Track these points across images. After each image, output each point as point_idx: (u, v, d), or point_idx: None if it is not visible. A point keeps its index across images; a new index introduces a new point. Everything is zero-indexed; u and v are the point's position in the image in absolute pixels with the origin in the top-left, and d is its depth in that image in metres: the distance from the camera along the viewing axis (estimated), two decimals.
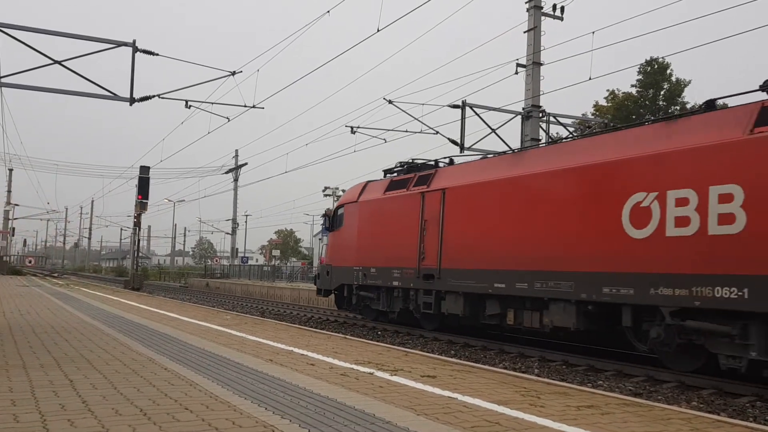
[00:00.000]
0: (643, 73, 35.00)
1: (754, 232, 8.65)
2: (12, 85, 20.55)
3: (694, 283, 9.36)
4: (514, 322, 13.01)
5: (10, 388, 5.56)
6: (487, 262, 13.29)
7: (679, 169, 9.76)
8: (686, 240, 9.47)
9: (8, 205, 64.55)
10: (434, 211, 15.01)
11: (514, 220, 12.79)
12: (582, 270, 11.15)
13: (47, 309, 15.27)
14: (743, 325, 8.98)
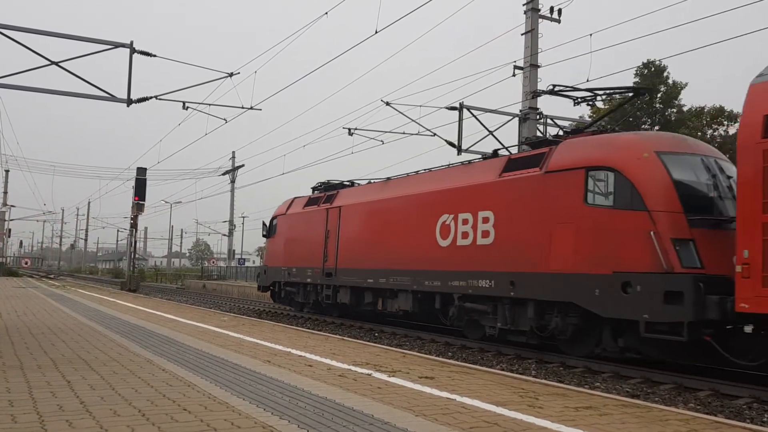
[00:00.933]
0: (640, 75, 35.04)
1: (498, 244, 12.89)
2: (9, 86, 20.51)
3: (469, 277, 13.56)
4: (381, 308, 17.51)
5: (7, 389, 5.55)
6: (364, 263, 17.50)
7: (465, 198, 13.99)
8: (467, 248, 13.73)
9: (4, 207, 64.42)
10: (334, 223, 19.37)
11: (378, 232, 17.11)
12: (414, 269, 15.36)
13: (44, 310, 15.23)
14: (493, 305, 13.17)
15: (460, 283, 13.81)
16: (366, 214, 17.99)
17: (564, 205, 11.64)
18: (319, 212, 20.50)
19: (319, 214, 20.46)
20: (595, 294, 10.81)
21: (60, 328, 11.02)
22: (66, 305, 17.37)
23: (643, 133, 13.94)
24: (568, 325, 11.66)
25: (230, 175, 51.15)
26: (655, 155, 10.78)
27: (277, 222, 23.71)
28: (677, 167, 10.69)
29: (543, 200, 12.07)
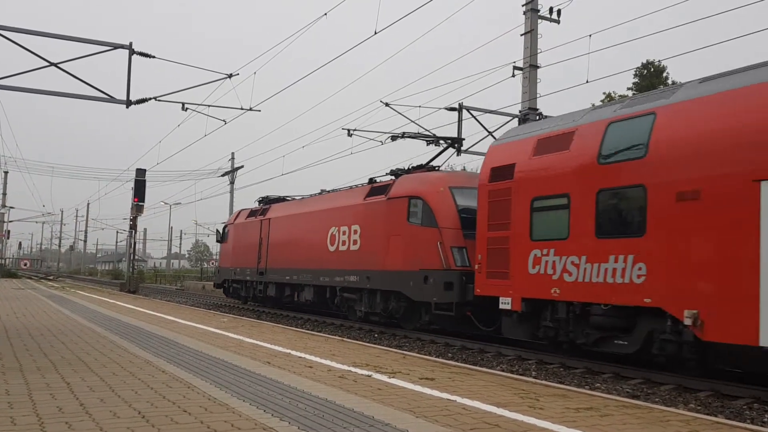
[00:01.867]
0: (639, 76, 35.10)
1: (362, 250, 17.62)
2: (7, 87, 20.49)
3: (345, 274, 18.27)
4: (298, 299, 22.03)
5: (6, 391, 5.54)
6: (284, 264, 22.46)
7: (345, 215, 18.82)
8: (344, 252, 18.52)
9: (3, 208, 64.35)
10: (265, 232, 24.35)
11: (292, 239, 22.16)
12: (314, 268, 20.17)
13: (43, 312, 15.21)
14: (360, 294, 18.06)
15: (340, 278, 18.80)
16: (286, 225, 22.93)
17: (396, 222, 16.49)
18: (256, 223, 25.54)
19: (256, 224, 25.49)
20: (410, 285, 15.73)
21: (59, 330, 11.00)
22: (65, 307, 17.35)
23: (444, 173, 17.67)
24: (400, 307, 16.60)
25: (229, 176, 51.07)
26: (448, 189, 15.54)
27: (228, 230, 28.86)
28: (461, 197, 15.31)
29: (385, 218, 16.90)
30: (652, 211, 10.00)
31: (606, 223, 10.79)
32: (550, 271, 11.76)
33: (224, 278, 28.88)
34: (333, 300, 19.68)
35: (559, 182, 11.75)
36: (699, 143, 9.50)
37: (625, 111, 11.07)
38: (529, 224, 12.33)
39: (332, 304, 19.87)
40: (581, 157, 11.39)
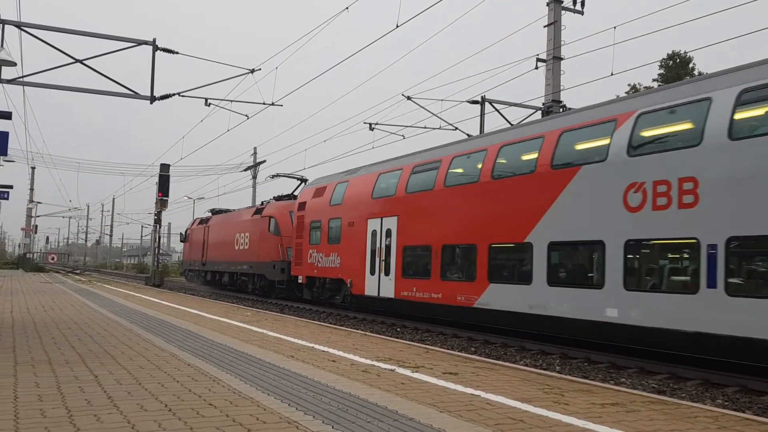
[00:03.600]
0: (665, 67, 34.60)
1: (250, 249, 29.13)
2: (34, 84, 20.78)
3: (243, 264, 29.65)
4: (227, 282, 32.43)
5: (36, 384, 5.63)
6: (215, 258, 33.97)
7: (243, 225, 30.23)
8: (241, 250, 29.87)
9: (31, 203, 65.39)
10: (206, 236, 35.77)
11: (218, 241, 33.45)
12: (228, 261, 31.77)
13: (70, 305, 15.44)
14: (250, 276, 29.31)
15: (239, 267, 30.42)
16: (216, 231, 34.57)
17: (263, 231, 27.80)
18: (201, 228, 36.95)
19: (201, 229, 36.86)
20: (268, 270, 26.83)
21: (86, 323, 11.16)
22: (92, 300, 17.60)
23: (289, 201, 27.71)
24: (266, 285, 27.56)
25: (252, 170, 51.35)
26: (288, 213, 26.12)
27: (188, 232, 41.07)
28: (314, 209, 22.85)
29: (259, 229, 28.16)
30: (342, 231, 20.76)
31: (333, 237, 21.34)
32: (315, 261, 22.38)
33: (185, 268, 42.96)
34: (237, 281, 31.47)
35: (319, 214, 22.41)
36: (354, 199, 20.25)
37: (344, 177, 21.77)
38: (308, 235, 22.93)
39: (236, 284, 31.68)
40: (325, 201, 22.20)
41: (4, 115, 17.76)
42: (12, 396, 5.09)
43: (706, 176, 9.89)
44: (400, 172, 17.95)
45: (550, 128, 13.34)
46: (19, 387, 5.46)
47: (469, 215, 15.08)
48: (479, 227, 14.64)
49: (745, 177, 9.39)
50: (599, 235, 11.55)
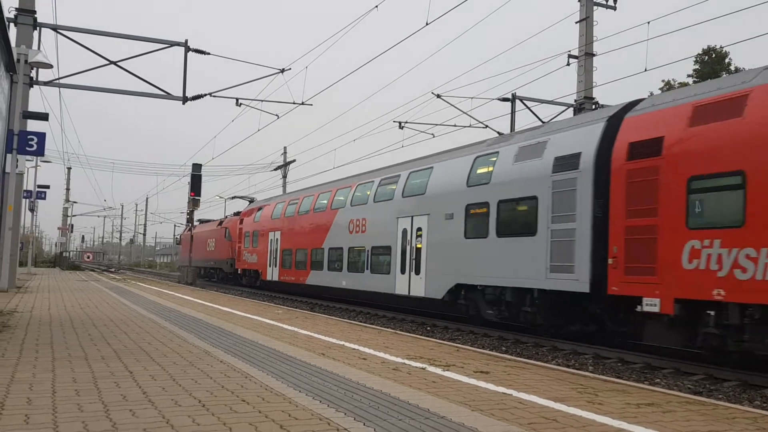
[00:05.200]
0: (700, 62, 33.96)
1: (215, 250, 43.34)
2: (70, 85, 21.21)
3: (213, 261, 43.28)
4: (203, 275, 44.57)
5: (73, 379, 5.74)
6: (197, 257, 42.27)
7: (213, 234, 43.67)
8: (211, 251, 43.40)
9: (67, 203, 66.75)
10: (192, 239, 41.05)
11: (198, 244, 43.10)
12: (204, 258, 44.42)
13: (106, 303, 15.72)
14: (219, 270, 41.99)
15: (209, 263, 43.30)
16: (198, 237, 43.80)
17: (222, 238, 40.09)
18: (189, 234, 42.92)
19: (189, 234, 42.73)
20: (225, 265, 39.10)
21: (122, 320, 11.34)
22: (127, 298, 17.89)
23: (236, 217, 36.94)
24: (227, 275, 38.64)
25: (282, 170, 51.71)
26: (238, 224, 34.98)
27: (181, 238, 55.52)
28: (249, 226, 32.79)
29: (221, 236, 40.54)
30: None
31: (254, 242, 32.89)
32: (246, 259, 32.99)
33: (179, 265, 57.12)
34: (212, 273, 43.26)
35: (249, 227, 33.20)
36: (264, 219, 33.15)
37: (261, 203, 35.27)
38: (243, 241, 34.01)
39: (212, 275, 43.31)
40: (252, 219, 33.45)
41: (41, 116, 18.16)
42: (50, 390, 5.19)
43: (371, 218, 21.01)
44: (283, 203, 29.54)
45: (345, 184, 23.86)
46: (57, 382, 5.57)
47: (307, 231, 25.75)
48: (310, 238, 25.36)
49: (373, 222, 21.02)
50: (342, 244, 22.62)
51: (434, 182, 17.55)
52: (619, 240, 11.48)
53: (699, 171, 10.30)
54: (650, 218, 10.97)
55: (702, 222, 10.19)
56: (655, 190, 10.92)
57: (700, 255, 10.07)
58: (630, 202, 11.32)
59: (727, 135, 10.00)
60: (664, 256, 10.61)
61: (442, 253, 16.77)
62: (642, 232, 11.09)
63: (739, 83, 10.39)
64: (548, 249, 13.21)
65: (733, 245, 9.63)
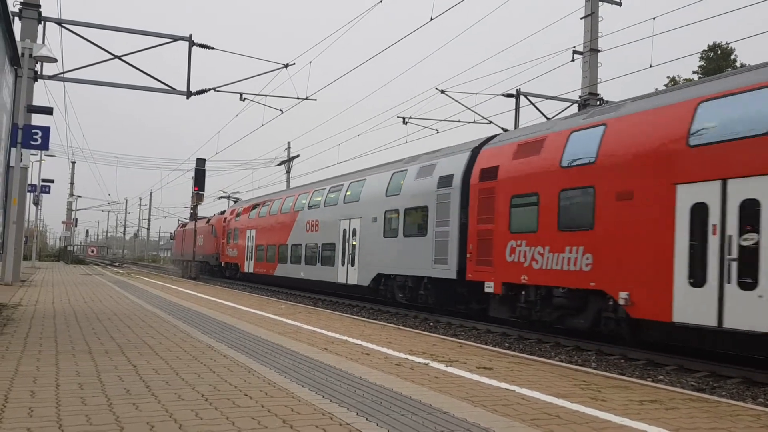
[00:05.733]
0: (705, 59, 33.82)
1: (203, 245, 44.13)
2: (74, 79, 21.21)
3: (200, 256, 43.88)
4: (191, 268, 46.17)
5: (77, 372, 5.75)
6: (186, 251, 48.04)
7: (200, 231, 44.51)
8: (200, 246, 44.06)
9: (71, 197, 66.89)
10: (183, 235, 50.81)
11: (186, 240, 48.46)
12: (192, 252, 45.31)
13: (109, 296, 15.76)
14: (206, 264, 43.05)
15: (198, 257, 43.75)
16: (187, 234, 47.43)
17: (209, 234, 41.57)
18: (181, 231, 49.82)
19: (181, 232, 49.54)
20: (210, 259, 40.99)
21: (125, 314, 11.37)
22: (130, 292, 17.93)
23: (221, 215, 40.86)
24: (213, 268, 40.60)
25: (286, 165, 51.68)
26: (223, 218, 39.68)
27: (174, 234, 57.90)
28: (231, 226, 37.03)
29: (208, 233, 42.07)
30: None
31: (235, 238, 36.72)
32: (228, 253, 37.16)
33: (173, 259, 62.20)
34: (200, 267, 43.53)
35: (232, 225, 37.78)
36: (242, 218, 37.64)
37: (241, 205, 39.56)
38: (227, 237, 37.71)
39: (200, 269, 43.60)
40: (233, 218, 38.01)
41: (46, 110, 18.17)
42: (54, 384, 5.20)
43: (321, 220, 24.76)
44: (258, 205, 33.77)
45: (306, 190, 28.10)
46: (60, 375, 5.58)
47: (276, 230, 29.75)
48: (277, 235, 29.28)
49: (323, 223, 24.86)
50: (301, 241, 26.46)
51: (365, 192, 21.71)
52: (473, 240, 15.38)
53: (516, 191, 14.19)
54: (490, 225, 14.84)
55: (516, 228, 14.05)
56: (492, 204, 14.79)
57: (516, 251, 13.93)
58: (480, 212, 15.20)
59: (531, 167, 13.84)
60: (497, 252, 14.51)
61: (368, 249, 20.91)
62: (485, 235, 14.96)
63: (543, 130, 14.19)
64: (434, 247, 17.17)
65: (531, 244, 13.51)
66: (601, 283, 11.90)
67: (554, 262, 12.90)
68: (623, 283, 11.35)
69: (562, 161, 13.06)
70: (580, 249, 12.38)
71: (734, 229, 9.60)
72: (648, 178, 11.09)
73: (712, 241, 9.90)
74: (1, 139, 11.62)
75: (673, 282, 10.35)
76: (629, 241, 11.37)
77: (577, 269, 12.39)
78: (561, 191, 12.96)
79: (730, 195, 9.70)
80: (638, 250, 11.18)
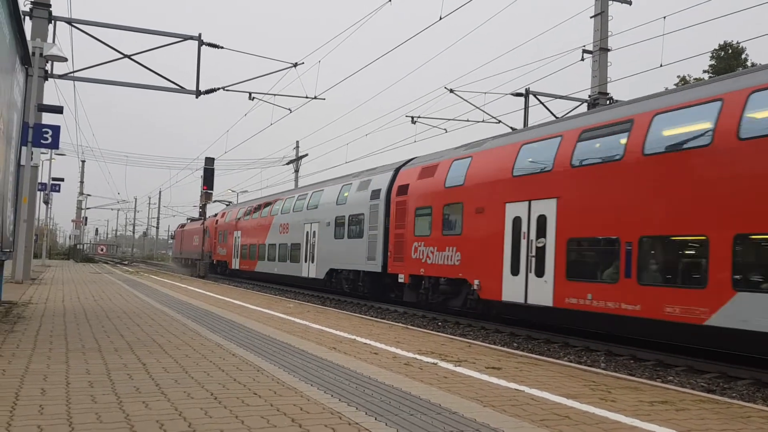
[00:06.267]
0: (716, 58, 33.62)
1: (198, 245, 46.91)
2: (84, 78, 21.30)
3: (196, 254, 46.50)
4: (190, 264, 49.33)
5: (87, 370, 5.77)
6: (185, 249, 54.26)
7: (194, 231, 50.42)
8: (194, 245, 49.11)
9: (81, 195, 67.23)
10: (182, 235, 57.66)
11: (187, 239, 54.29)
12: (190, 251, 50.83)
13: (119, 295, 15.83)
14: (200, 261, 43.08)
15: (194, 255, 46.86)
16: (186, 233, 54.35)
17: (203, 235, 43.70)
18: (181, 230, 55.75)
19: (181, 231, 55.64)
20: (205, 257, 42.23)
21: (134, 312, 11.41)
22: (139, 290, 18.00)
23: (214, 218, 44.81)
24: (203, 265, 40.72)
25: (294, 164, 51.72)
26: (215, 220, 44.26)
27: (175, 233, 65.19)
28: (220, 228, 42.02)
29: (201, 233, 44.14)
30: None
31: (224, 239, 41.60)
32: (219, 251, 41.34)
33: (173, 256, 66.07)
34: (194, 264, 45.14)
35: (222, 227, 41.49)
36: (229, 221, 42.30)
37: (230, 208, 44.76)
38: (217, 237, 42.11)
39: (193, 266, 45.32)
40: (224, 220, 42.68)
41: (56, 109, 18.23)
42: (64, 382, 5.23)
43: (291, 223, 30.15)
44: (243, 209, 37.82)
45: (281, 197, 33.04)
46: (70, 373, 5.61)
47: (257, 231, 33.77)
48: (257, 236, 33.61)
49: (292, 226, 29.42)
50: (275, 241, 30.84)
51: (323, 200, 26.28)
52: (392, 242, 19.89)
53: (418, 204, 18.60)
54: (403, 230, 19.35)
55: (418, 233, 18.50)
56: (404, 214, 19.32)
57: (417, 250, 18.28)
58: (396, 220, 19.73)
59: (427, 186, 18.38)
60: (406, 251, 18.89)
61: (324, 249, 25.48)
62: (400, 237, 19.43)
63: (437, 157, 18.62)
64: (367, 246, 21.66)
65: (427, 245, 17.87)
66: (465, 274, 16.29)
67: (440, 258, 17.36)
68: (477, 274, 15.72)
69: (446, 183, 17.45)
70: (453, 249, 16.84)
71: (534, 235, 13.78)
72: (493, 197, 15.28)
73: (523, 244, 14.08)
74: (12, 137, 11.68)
75: (503, 272, 14.68)
76: (481, 243, 15.61)
77: (452, 264, 16.84)
78: (444, 205, 17.48)
79: (533, 211, 13.89)
80: (485, 250, 15.33)
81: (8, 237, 11.45)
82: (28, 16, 19.26)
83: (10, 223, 11.76)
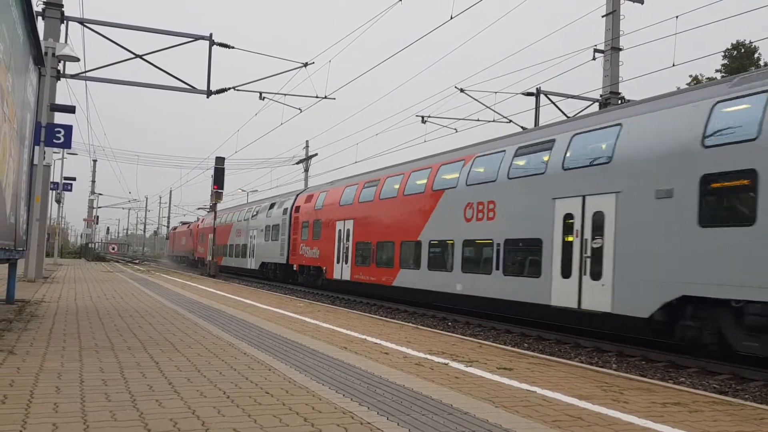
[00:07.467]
0: (728, 57, 33.40)
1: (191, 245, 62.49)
2: (96, 78, 21.43)
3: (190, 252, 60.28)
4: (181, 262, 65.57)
5: (101, 369, 5.81)
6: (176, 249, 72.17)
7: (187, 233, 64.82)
8: (183, 245, 65.09)
9: (92, 195, 67.63)
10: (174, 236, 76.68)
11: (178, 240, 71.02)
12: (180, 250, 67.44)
13: (130, 293, 15.91)
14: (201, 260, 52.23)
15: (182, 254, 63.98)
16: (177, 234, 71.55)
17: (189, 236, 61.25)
18: (174, 232, 73.69)
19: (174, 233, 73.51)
20: (192, 256, 57.20)
21: (146, 311, 11.47)
22: (151, 289, 18.09)
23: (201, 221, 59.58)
24: (196, 262, 51.84)
25: (304, 164, 51.80)
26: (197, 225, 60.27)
27: (169, 234, 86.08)
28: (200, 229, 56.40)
29: (187, 234, 61.22)
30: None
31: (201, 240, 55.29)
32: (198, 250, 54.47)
33: (167, 254, 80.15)
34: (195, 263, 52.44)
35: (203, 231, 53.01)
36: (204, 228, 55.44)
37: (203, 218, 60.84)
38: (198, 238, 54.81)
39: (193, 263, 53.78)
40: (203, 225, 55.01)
41: (69, 109, 18.35)
42: (78, 380, 5.26)
43: (242, 229, 42.27)
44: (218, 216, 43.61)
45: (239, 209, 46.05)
46: (84, 371, 5.65)
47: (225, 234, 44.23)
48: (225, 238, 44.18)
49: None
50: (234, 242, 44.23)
51: (259, 214, 37.64)
52: (291, 244, 30.25)
53: (304, 220, 29.01)
54: (296, 236, 29.37)
55: (303, 238, 28.67)
56: (297, 226, 29.69)
57: (302, 249, 28.48)
58: (293, 230, 30.20)
59: (308, 208, 28.93)
60: (297, 249, 28.92)
61: (260, 248, 36.51)
62: (295, 241, 29.71)
63: (315, 190, 29.72)
64: (280, 246, 32.16)
65: (306, 246, 28.37)
66: (321, 264, 26.64)
67: (311, 254, 27.69)
68: (325, 263, 25.99)
69: (315, 206, 28.02)
70: (316, 247, 27.38)
71: (345, 238, 24.27)
72: (330, 216, 26.15)
73: (343, 243, 24.55)
74: (26, 137, 11.76)
75: (334, 262, 25.19)
76: (327, 244, 25.91)
77: (316, 257, 27.25)
78: (314, 221, 27.81)
79: (347, 224, 24.96)
80: (329, 249, 25.62)
81: (22, 236, 11.53)
82: (41, 16, 19.39)
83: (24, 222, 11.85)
